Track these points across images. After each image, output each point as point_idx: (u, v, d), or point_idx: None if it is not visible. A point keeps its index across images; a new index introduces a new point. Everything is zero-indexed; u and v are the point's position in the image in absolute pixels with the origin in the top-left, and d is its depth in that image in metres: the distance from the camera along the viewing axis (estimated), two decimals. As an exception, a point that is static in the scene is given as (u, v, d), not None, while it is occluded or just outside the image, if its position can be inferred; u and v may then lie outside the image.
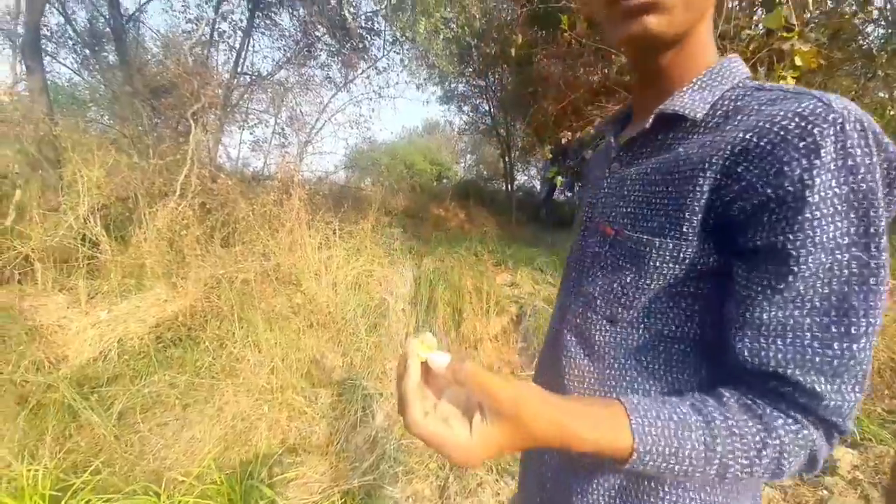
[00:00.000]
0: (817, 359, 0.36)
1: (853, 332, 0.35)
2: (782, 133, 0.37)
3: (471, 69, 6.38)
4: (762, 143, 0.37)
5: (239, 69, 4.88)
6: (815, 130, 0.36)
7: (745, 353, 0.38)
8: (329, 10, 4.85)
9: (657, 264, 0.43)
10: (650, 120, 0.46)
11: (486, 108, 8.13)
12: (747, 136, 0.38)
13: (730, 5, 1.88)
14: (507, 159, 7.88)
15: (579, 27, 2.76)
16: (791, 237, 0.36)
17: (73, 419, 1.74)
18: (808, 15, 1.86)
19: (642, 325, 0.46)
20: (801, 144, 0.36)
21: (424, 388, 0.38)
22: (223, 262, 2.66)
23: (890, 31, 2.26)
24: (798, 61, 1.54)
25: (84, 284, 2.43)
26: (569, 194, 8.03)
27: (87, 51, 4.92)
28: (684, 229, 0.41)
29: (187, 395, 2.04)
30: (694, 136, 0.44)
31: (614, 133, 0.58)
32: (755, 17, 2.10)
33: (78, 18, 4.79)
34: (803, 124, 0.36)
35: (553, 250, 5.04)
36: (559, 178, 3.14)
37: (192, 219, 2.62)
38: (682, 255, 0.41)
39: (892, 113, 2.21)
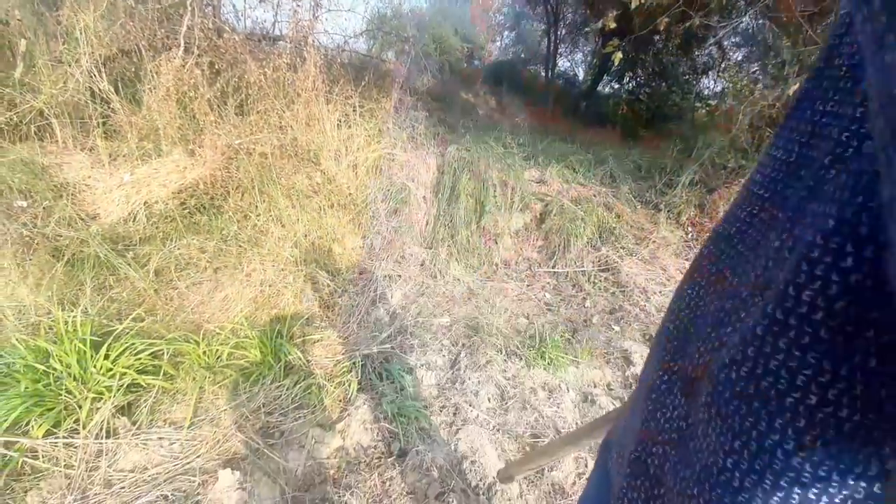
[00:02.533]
0: None
1: None
2: None
3: None
4: None
5: None
6: None
7: None
8: None
9: None
10: None
11: (536, -35, 6.71)
12: None
13: None
14: (551, 37, 6.79)
15: None
16: None
17: (112, 273, 1.85)
18: None
19: None
20: None
21: None
22: (238, 132, 2.52)
23: None
24: None
25: (104, 145, 2.38)
26: (616, 86, 7.04)
27: None
28: None
29: (216, 259, 2.13)
30: None
31: None
32: None
33: None
34: None
35: (590, 148, 4.64)
36: (618, 55, 2.59)
37: (200, 79, 2.40)
38: None
39: None
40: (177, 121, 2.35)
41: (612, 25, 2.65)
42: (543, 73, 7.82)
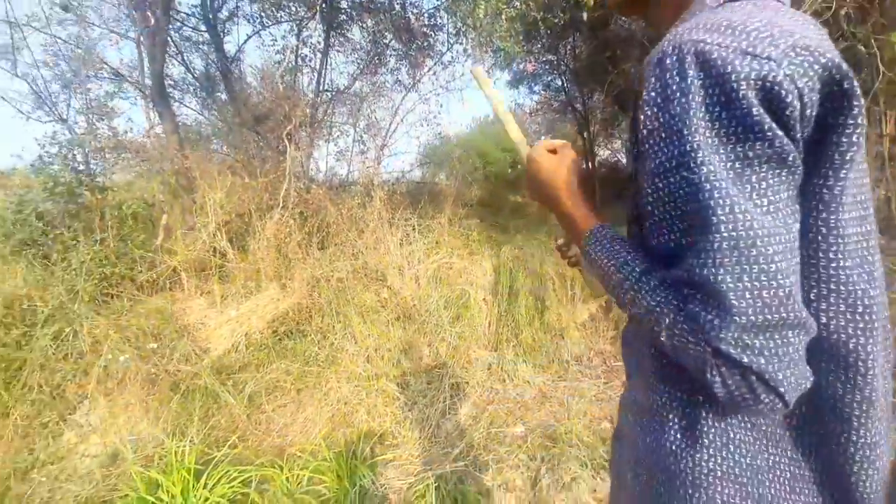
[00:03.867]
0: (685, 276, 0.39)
1: (698, 249, 0.37)
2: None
3: (539, 45, 6.04)
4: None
5: (321, 87, 5.33)
6: (646, 72, 0.42)
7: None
8: (394, 15, 5.01)
9: None
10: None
11: (559, 83, 7.64)
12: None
13: None
14: (585, 135, 7.33)
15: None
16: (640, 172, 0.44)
17: (214, 401, 2.10)
18: None
19: None
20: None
21: None
22: (320, 264, 2.96)
23: None
24: None
25: (218, 289, 2.91)
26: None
27: (204, 93, 5.83)
28: None
29: (300, 381, 2.32)
30: None
31: None
32: None
33: (195, 66, 5.71)
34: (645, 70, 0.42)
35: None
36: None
37: (293, 227, 2.96)
38: None
39: None
40: (274, 262, 2.85)
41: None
42: (585, 165, 8.26)
